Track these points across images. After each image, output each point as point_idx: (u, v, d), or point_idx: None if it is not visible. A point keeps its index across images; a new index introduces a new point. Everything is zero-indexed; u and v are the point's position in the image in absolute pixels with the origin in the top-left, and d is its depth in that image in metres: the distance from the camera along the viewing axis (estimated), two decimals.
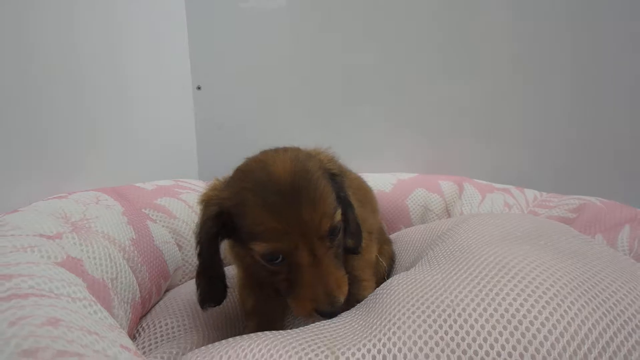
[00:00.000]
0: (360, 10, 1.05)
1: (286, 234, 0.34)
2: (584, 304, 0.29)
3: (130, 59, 0.86)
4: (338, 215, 0.37)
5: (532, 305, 0.29)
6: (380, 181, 0.88)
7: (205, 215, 0.38)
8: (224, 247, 0.44)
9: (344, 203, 0.41)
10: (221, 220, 0.37)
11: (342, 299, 0.36)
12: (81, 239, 0.40)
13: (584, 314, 0.29)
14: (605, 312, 0.29)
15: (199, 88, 1.12)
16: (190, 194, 0.70)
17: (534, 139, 1.05)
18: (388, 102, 1.08)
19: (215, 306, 0.41)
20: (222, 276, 0.40)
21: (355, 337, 0.31)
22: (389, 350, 0.29)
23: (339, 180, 0.41)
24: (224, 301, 0.41)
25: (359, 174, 0.68)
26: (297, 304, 0.36)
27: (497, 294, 0.31)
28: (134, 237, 0.49)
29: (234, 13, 1.08)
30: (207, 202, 0.39)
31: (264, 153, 0.40)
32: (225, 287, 0.41)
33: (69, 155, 0.66)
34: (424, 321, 0.30)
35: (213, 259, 0.39)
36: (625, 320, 0.29)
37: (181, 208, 0.64)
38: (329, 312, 0.36)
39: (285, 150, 0.40)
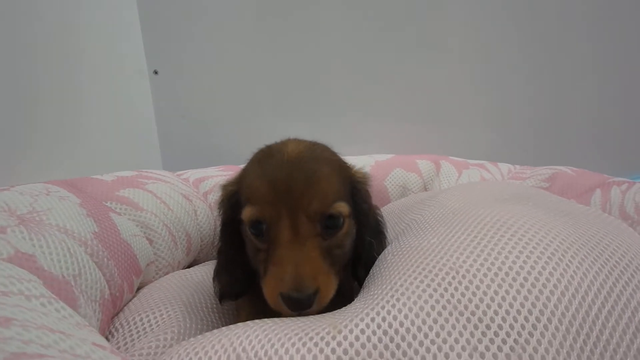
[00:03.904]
0: None
1: (273, 203, 0.33)
2: (583, 258, 0.30)
3: (77, 38, 0.76)
4: (341, 208, 0.35)
5: (535, 262, 0.29)
6: (359, 163, 0.87)
7: (221, 196, 0.40)
8: None
9: (365, 215, 0.39)
10: (236, 199, 0.38)
11: (311, 288, 0.31)
12: (31, 232, 0.34)
13: (584, 267, 0.29)
14: (603, 264, 0.30)
15: (155, 72, 1.03)
16: (157, 184, 0.64)
17: (499, 119, 1.10)
18: (361, 86, 1.07)
19: (233, 300, 0.41)
20: (242, 264, 0.39)
21: (357, 309, 0.29)
22: (395, 317, 0.27)
23: (362, 191, 0.40)
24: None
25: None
26: (266, 286, 0.33)
27: (499, 253, 0.30)
28: (97, 231, 0.43)
29: None
30: (226, 185, 0.41)
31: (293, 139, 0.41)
32: (247, 278, 0.39)
33: (10, 146, 0.57)
34: (428, 285, 0.29)
35: (232, 242, 0.39)
36: (621, 270, 0.29)
37: (148, 199, 0.58)
38: (295, 298, 0.31)
39: (313, 142, 0.40)
